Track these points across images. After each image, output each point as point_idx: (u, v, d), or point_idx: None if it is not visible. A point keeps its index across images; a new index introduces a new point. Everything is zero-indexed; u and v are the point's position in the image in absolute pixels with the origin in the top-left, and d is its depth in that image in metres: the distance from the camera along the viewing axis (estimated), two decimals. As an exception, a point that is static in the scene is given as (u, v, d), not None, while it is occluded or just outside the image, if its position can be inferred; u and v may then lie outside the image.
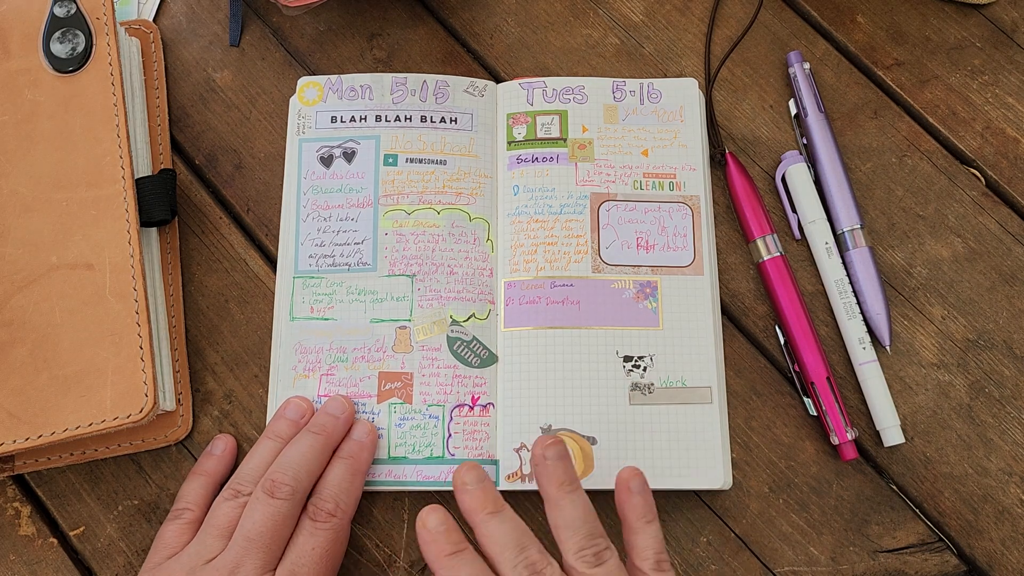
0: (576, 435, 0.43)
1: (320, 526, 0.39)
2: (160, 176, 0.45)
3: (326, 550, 0.39)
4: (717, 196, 0.48)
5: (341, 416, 0.43)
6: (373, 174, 0.47)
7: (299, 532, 0.39)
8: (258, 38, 0.51)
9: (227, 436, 0.44)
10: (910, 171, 0.49)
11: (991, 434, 0.44)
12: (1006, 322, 0.46)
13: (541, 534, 0.43)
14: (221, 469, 0.43)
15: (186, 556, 0.39)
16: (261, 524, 0.38)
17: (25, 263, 0.42)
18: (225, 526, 0.39)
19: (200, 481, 0.42)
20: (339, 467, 0.41)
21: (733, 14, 0.51)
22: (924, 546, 0.43)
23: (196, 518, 0.41)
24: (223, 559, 0.38)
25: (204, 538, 0.39)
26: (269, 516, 0.38)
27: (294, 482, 0.39)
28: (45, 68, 0.45)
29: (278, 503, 0.39)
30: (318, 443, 0.41)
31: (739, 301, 0.47)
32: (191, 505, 0.41)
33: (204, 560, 0.38)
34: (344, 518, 0.40)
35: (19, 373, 0.40)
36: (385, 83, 0.48)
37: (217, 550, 0.38)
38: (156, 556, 0.40)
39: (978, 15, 0.51)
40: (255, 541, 0.38)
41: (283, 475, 0.39)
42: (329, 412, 0.43)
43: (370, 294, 0.45)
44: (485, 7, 0.52)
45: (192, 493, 0.42)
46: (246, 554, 0.38)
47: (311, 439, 0.41)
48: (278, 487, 0.39)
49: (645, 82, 0.48)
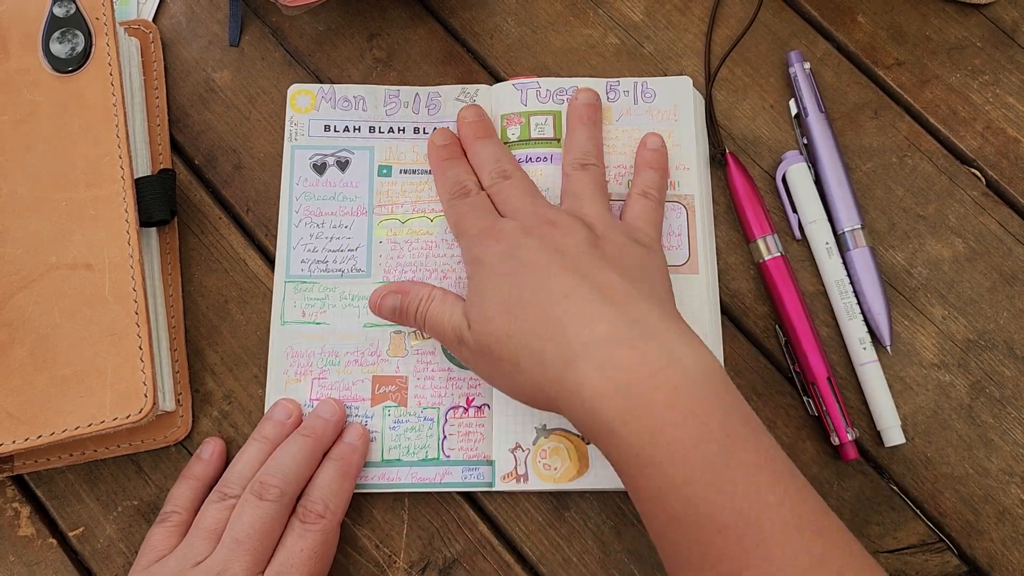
0: (571, 435, 0.43)
1: (309, 527, 0.39)
2: (159, 176, 0.45)
3: (315, 551, 0.39)
4: (717, 196, 0.48)
5: (331, 419, 0.43)
6: (367, 184, 0.47)
7: (288, 534, 0.39)
8: (257, 38, 0.51)
9: (216, 439, 0.44)
10: (911, 171, 0.49)
11: (992, 434, 0.44)
12: (1007, 322, 0.46)
13: (543, 535, 0.43)
14: (210, 472, 0.43)
15: (174, 559, 0.39)
16: (249, 526, 0.38)
17: (24, 263, 0.42)
18: (213, 528, 0.39)
19: (189, 484, 0.42)
20: (329, 468, 0.41)
21: (733, 14, 0.51)
22: (925, 546, 0.43)
23: (184, 521, 0.41)
24: (211, 561, 0.38)
25: (192, 541, 0.39)
26: (257, 518, 0.39)
27: (283, 484, 0.40)
28: (44, 68, 0.45)
29: (266, 505, 0.39)
30: (307, 445, 0.41)
31: (739, 301, 0.47)
32: (179, 508, 0.41)
33: (192, 563, 0.38)
34: (333, 520, 0.40)
35: (18, 373, 0.40)
36: (378, 95, 0.49)
37: (205, 552, 0.38)
38: (144, 559, 0.40)
39: (978, 15, 0.51)
40: (243, 543, 0.38)
41: (272, 477, 0.40)
42: (319, 415, 0.43)
43: (363, 300, 0.45)
44: (485, 7, 0.52)
45: (180, 496, 0.42)
46: (234, 556, 0.38)
47: (301, 442, 0.41)
48: (267, 489, 0.39)
49: (639, 81, 0.48)
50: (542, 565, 0.43)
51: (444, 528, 0.43)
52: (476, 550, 0.43)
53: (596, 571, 0.43)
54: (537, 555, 0.43)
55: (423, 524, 0.43)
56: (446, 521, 0.43)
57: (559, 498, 0.44)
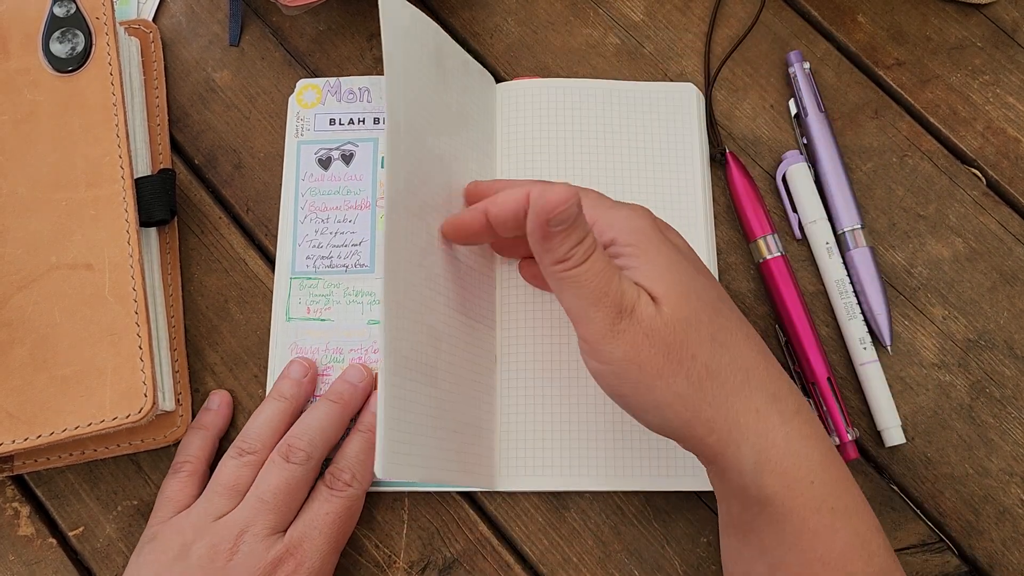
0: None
1: (336, 494, 0.40)
2: (159, 176, 0.45)
3: (339, 515, 0.40)
4: (717, 196, 0.48)
5: (359, 384, 0.43)
6: (371, 176, 0.47)
7: (314, 497, 0.40)
8: (258, 38, 0.51)
9: (223, 391, 0.45)
10: (911, 171, 0.48)
11: (992, 434, 0.44)
12: (1007, 322, 0.46)
13: (543, 535, 0.43)
14: (219, 423, 0.44)
15: (195, 515, 0.39)
16: (275, 487, 0.39)
17: (24, 263, 0.42)
18: (231, 484, 0.40)
19: (199, 434, 0.43)
20: (357, 440, 0.42)
21: (734, 13, 0.51)
22: (925, 547, 0.43)
23: (196, 470, 0.42)
24: (233, 517, 0.39)
25: (211, 496, 0.40)
26: (283, 480, 0.39)
27: (309, 447, 0.40)
28: (45, 68, 0.45)
29: (293, 467, 0.39)
30: (335, 411, 0.42)
31: (740, 301, 0.47)
32: (191, 458, 0.42)
33: (213, 517, 0.39)
34: (360, 489, 0.41)
35: (18, 373, 0.40)
36: (383, 85, 0.48)
37: (225, 508, 0.39)
38: (161, 512, 0.40)
39: (979, 15, 0.51)
40: (268, 503, 0.39)
41: (299, 440, 0.40)
42: (348, 380, 0.43)
43: (368, 295, 0.45)
44: (485, 7, 0.52)
45: (191, 446, 0.42)
46: (257, 514, 0.38)
47: (328, 407, 0.42)
48: (294, 452, 0.40)
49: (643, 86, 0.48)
50: (542, 565, 0.43)
51: (444, 528, 0.43)
52: (476, 550, 0.43)
53: (596, 571, 0.43)
54: (537, 555, 0.43)
55: (423, 524, 0.43)
56: (446, 521, 0.43)
57: (559, 498, 0.44)
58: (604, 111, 0.47)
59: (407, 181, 0.38)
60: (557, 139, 0.47)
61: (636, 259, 0.33)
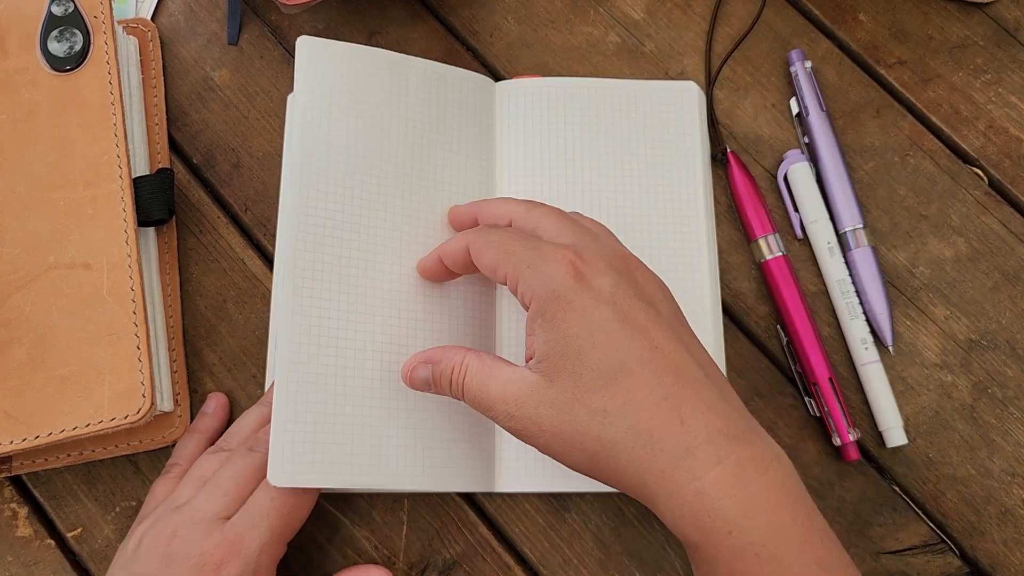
0: None
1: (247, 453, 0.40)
2: (158, 175, 0.45)
3: (284, 504, 0.38)
4: (718, 195, 0.48)
5: None
6: None
7: (262, 485, 0.39)
8: (256, 36, 0.51)
9: (219, 394, 0.45)
10: (913, 170, 0.48)
11: (994, 435, 0.44)
12: (1009, 322, 0.46)
13: (543, 537, 0.43)
14: (214, 425, 0.44)
15: (163, 505, 0.39)
16: (232, 472, 0.39)
17: (22, 263, 0.42)
18: (200, 476, 0.40)
19: (193, 438, 0.43)
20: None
21: (734, 12, 0.51)
22: (927, 548, 0.43)
23: (184, 472, 0.42)
24: (190, 503, 0.38)
25: (181, 487, 0.40)
26: (241, 466, 0.39)
27: None
28: (42, 67, 0.45)
29: (254, 455, 0.40)
30: None
31: (741, 301, 0.46)
32: (181, 460, 0.42)
33: (175, 506, 0.39)
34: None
35: (16, 373, 0.40)
36: None
37: (189, 497, 0.39)
38: (145, 509, 0.41)
39: (981, 14, 0.51)
40: (221, 486, 0.39)
41: (265, 433, 0.41)
42: None
43: None
44: (485, 5, 0.52)
45: (184, 449, 0.43)
46: (208, 498, 0.38)
47: None
48: (259, 442, 0.40)
49: (644, 84, 0.48)
50: (542, 566, 0.43)
51: (444, 529, 0.43)
52: (476, 551, 0.43)
53: (597, 572, 0.43)
54: (537, 556, 0.43)
55: (423, 525, 0.43)
56: (446, 522, 0.43)
57: (560, 499, 0.44)
58: (604, 110, 0.47)
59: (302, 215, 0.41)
60: (557, 138, 0.46)
61: (541, 331, 0.35)
